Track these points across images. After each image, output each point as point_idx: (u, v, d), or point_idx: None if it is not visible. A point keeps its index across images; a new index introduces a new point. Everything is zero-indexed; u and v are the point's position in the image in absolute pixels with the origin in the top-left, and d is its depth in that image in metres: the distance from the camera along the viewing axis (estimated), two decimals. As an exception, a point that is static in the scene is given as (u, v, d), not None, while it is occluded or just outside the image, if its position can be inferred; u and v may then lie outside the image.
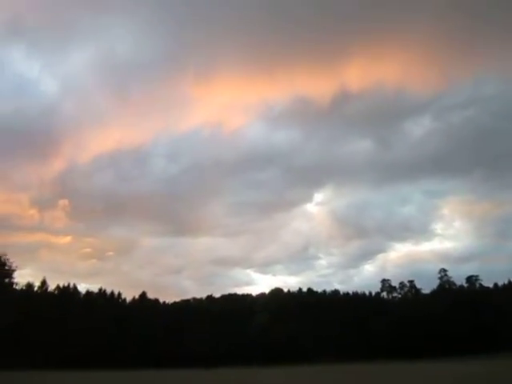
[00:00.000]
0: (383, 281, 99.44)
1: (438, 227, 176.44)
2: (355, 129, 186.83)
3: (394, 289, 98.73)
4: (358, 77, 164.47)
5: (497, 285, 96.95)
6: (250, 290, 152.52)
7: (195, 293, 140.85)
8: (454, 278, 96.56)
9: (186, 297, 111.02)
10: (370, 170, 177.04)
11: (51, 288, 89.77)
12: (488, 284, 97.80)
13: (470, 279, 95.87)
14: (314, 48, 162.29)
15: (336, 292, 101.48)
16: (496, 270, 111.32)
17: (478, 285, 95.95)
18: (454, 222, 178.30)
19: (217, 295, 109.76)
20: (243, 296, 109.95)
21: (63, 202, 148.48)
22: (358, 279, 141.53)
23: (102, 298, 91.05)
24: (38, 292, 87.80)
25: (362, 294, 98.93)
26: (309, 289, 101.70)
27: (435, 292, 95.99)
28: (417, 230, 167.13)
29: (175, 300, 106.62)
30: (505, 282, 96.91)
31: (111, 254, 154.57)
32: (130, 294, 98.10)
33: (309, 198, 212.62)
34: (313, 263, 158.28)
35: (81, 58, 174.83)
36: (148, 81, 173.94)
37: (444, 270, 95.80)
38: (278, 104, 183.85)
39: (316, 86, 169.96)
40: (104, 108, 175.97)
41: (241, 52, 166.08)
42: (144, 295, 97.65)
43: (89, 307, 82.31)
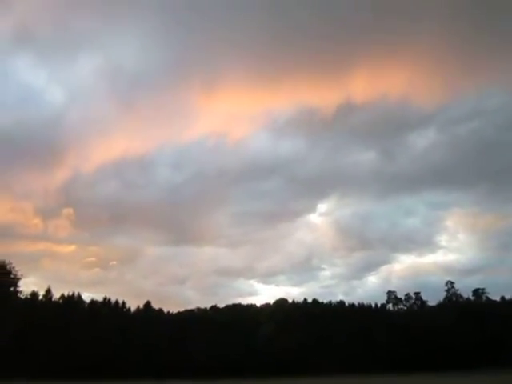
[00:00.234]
0: (389, 292, 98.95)
1: (442, 239, 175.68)
2: (359, 140, 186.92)
3: (400, 300, 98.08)
4: (362, 88, 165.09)
5: (504, 298, 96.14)
6: (253, 301, 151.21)
7: (198, 303, 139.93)
8: (459, 291, 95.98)
9: (189, 307, 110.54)
10: (374, 181, 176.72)
11: (56, 297, 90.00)
12: (493, 297, 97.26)
13: (477, 292, 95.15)
14: (318, 59, 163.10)
15: (341, 303, 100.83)
16: (500, 283, 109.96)
17: (485, 298, 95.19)
18: (458, 234, 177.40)
19: (221, 305, 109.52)
20: (248, 306, 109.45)
21: (67, 211, 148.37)
22: (361, 291, 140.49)
23: (106, 308, 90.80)
24: (43, 301, 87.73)
25: (368, 305, 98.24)
26: (314, 299, 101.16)
27: (442, 304, 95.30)
28: (421, 242, 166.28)
29: (179, 310, 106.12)
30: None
31: (115, 263, 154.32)
32: (133, 304, 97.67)
33: (312, 209, 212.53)
34: (316, 274, 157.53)
35: (87, 67, 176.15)
36: (153, 90, 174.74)
37: (451, 283, 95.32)
38: (282, 114, 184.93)
39: (320, 96, 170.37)
40: (109, 117, 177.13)
41: (246, 62, 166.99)
42: (148, 305, 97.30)
43: (93, 316, 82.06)
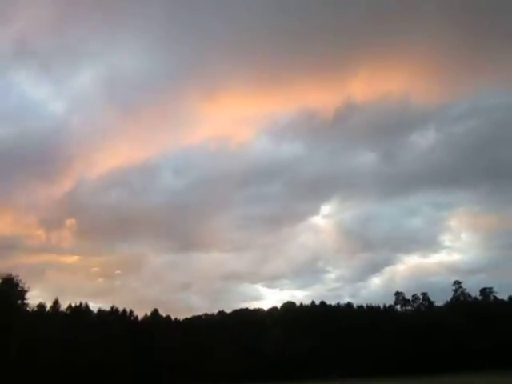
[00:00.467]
0: (397, 293, 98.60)
1: (446, 239, 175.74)
2: (360, 141, 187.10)
3: (408, 301, 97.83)
4: (362, 89, 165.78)
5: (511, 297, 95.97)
6: (258, 305, 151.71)
7: (204, 309, 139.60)
8: (467, 290, 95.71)
9: (195, 313, 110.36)
10: (376, 182, 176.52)
11: (63, 308, 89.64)
12: (500, 296, 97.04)
13: (484, 291, 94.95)
14: (318, 61, 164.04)
15: (349, 305, 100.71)
16: (505, 283, 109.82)
17: (492, 297, 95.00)
18: (461, 234, 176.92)
19: (228, 310, 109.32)
20: (255, 311, 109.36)
21: (70, 222, 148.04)
22: (366, 292, 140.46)
23: (114, 316, 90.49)
24: (50, 312, 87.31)
25: (377, 306, 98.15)
26: (322, 302, 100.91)
27: (450, 304, 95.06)
28: (424, 243, 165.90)
29: (186, 316, 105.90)
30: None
31: (119, 272, 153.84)
32: (139, 312, 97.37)
33: (315, 211, 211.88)
34: (321, 277, 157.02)
35: (88, 76, 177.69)
36: (154, 97, 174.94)
37: (458, 282, 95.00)
38: (283, 117, 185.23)
39: (321, 98, 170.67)
40: (111, 125, 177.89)
41: (246, 67, 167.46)
42: (156, 312, 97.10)
43: (102, 326, 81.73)
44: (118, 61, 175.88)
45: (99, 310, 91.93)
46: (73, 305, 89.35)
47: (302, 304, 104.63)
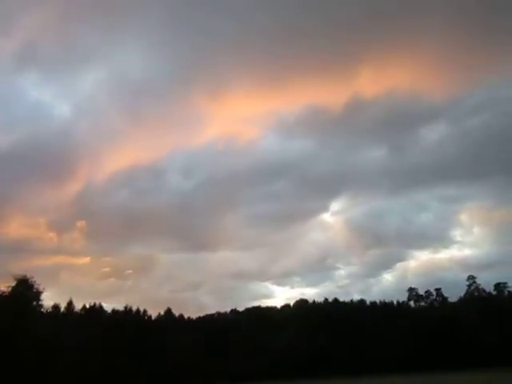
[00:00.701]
0: (410, 289, 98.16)
1: (457, 234, 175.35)
2: (370, 136, 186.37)
3: (421, 297, 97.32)
4: (370, 84, 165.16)
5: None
6: (269, 303, 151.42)
7: (214, 307, 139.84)
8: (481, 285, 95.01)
9: (206, 312, 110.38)
10: (386, 177, 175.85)
11: (77, 308, 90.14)
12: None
13: (498, 286, 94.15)
14: (325, 57, 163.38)
15: (362, 302, 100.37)
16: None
17: (507, 292, 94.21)
18: (472, 229, 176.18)
19: (240, 309, 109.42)
20: (267, 309, 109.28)
21: (81, 223, 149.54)
22: (377, 289, 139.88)
23: (128, 316, 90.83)
24: (65, 313, 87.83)
25: (390, 302, 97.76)
26: (335, 299, 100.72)
27: (464, 300, 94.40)
28: (435, 238, 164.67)
29: (199, 315, 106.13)
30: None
31: (130, 272, 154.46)
32: (151, 311, 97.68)
33: (325, 208, 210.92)
34: (331, 274, 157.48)
35: (94, 79, 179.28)
36: (161, 97, 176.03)
37: (472, 277, 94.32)
38: (291, 114, 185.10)
39: (329, 94, 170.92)
40: (118, 127, 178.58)
41: (251, 65, 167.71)
42: (169, 311, 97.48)
43: (116, 326, 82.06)
44: (123, 63, 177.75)
45: (113, 310, 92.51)
46: (87, 305, 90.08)
47: (314, 301, 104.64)
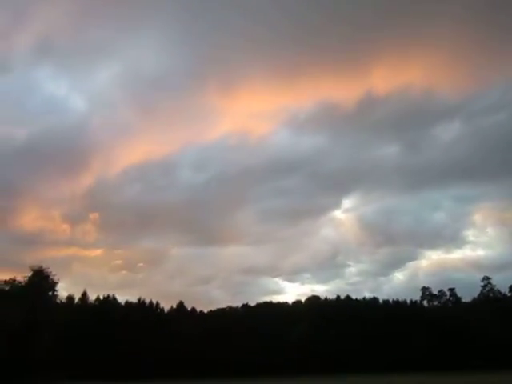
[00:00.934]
0: (423, 289, 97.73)
1: (470, 234, 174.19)
2: (382, 134, 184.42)
3: (435, 297, 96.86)
4: (384, 81, 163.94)
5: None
6: (279, 299, 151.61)
7: (225, 302, 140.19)
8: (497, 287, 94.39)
9: (216, 306, 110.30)
10: (399, 175, 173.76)
11: (91, 299, 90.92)
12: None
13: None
14: (339, 53, 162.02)
15: (375, 299, 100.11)
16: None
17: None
18: (486, 229, 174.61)
19: (252, 303, 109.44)
20: (279, 304, 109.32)
21: (93, 216, 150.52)
22: (387, 287, 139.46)
23: (141, 308, 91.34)
24: (79, 304, 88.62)
25: (403, 301, 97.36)
26: (347, 296, 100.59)
27: (478, 300, 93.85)
28: (448, 237, 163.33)
29: (211, 309, 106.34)
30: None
31: (141, 265, 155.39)
32: (163, 304, 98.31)
33: (336, 205, 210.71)
34: (341, 271, 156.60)
35: (107, 74, 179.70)
36: (172, 93, 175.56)
37: (487, 278, 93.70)
38: (303, 110, 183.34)
39: (342, 91, 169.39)
40: (130, 122, 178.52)
41: (263, 60, 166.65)
42: (182, 305, 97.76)
43: (131, 318, 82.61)
44: (137, 58, 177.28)
45: (126, 302, 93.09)
46: (101, 297, 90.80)
47: (326, 298, 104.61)
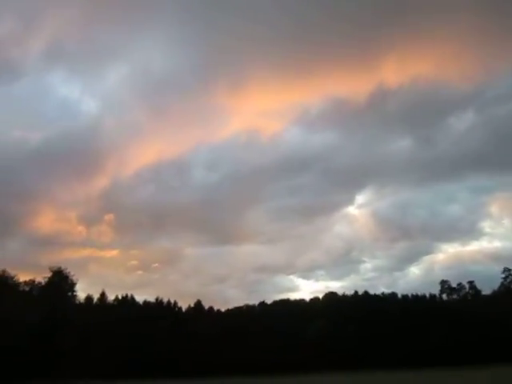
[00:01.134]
0: (442, 282, 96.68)
1: (486, 226, 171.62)
2: (394, 127, 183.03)
3: (454, 290, 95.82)
4: (395, 73, 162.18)
5: None
6: (294, 296, 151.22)
7: (240, 300, 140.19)
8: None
9: (232, 305, 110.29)
10: (412, 168, 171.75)
11: (109, 299, 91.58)
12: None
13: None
14: (347, 46, 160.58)
15: (394, 294, 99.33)
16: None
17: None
18: (502, 220, 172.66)
19: (268, 301, 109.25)
20: (296, 301, 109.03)
21: (109, 217, 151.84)
22: (403, 282, 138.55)
23: (159, 308, 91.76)
24: (98, 304, 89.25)
25: (422, 295, 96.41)
26: (365, 291, 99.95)
27: (499, 293, 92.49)
28: (464, 230, 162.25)
29: (228, 307, 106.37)
30: None
31: (157, 265, 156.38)
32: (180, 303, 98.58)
33: (350, 201, 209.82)
34: (356, 267, 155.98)
35: (118, 76, 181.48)
36: (183, 93, 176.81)
37: (508, 270, 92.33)
38: (313, 106, 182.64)
39: (352, 85, 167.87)
40: (142, 123, 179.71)
41: (272, 57, 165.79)
42: (199, 303, 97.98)
43: (150, 317, 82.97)
44: (146, 59, 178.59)
45: (144, 302, 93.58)
46: (119, 296, 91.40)
47: (344, 294, 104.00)
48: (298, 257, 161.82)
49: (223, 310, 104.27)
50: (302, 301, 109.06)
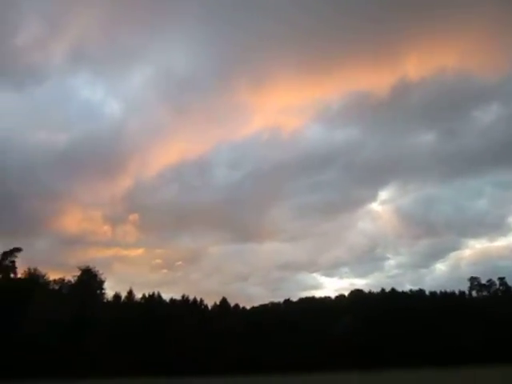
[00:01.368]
0: (471, 279, 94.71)
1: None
2: (418, 120, 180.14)
3: (484, 286, 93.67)
4: (418, 65, 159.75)
5: None
6: (317, 294, 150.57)
7: (264, 298, 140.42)
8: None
9: (256, 303, 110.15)
10: (437, 163, 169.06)
11: (137, 297, 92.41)
12: None
13: None
14: (369, 39, 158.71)
15: (421, 291, 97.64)
16: None
17: None
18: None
19: (293, 299, 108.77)
20: (321, 299, 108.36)
21: (133, 217, 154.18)
22: (429, 279, 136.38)
23: (185, 305, 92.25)
24: (126, 302, 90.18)
25: (451, 292, 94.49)
26: (392, 288, 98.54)
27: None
28: (491, 225, 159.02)
29: (253, 305, 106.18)
30: None
31: (180, 263, 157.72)
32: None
33: (373, 197, 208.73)
34: (380, 264, 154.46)
35: (140, 78, 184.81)
36: (205, 92, 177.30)
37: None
38: (335, 102, 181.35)
39: (374, 79, 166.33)
40: (165, 123, 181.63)
41: (292, 54, 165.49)
42: (225, 301, 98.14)
43: (178, 314, 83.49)
44: (167, 60, 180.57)
45: (171, 299, 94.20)
46: (146, 295, 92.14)
47: (370, 291, 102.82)
48: (321, 254, 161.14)
49: (248, 307, 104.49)
50: (327, 298, 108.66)
